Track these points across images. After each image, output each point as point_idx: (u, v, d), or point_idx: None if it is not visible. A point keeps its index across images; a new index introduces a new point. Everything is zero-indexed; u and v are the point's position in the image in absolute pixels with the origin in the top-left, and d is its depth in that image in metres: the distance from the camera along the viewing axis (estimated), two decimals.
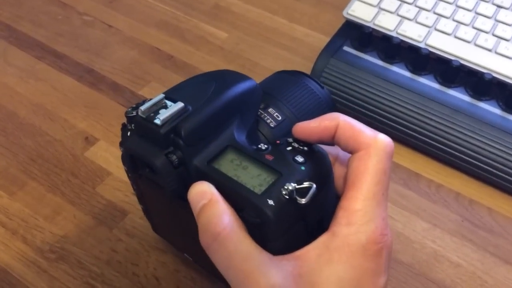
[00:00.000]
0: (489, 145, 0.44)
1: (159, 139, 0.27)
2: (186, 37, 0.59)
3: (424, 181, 0.46)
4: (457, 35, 0.48)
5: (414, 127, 0.47)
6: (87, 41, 0.58)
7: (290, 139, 0.29)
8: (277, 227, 0.26)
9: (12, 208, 0.44)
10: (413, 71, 0.48)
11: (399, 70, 0.49)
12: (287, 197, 0.26)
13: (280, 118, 0.34)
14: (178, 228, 0.35)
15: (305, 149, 0.29)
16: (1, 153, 0.48)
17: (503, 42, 0.47)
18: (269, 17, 0.61)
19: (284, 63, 0.56)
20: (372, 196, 0.27)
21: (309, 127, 0.29)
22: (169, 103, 0.29)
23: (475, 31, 0.48)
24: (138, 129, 0.29)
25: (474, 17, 0.49)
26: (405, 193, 0.45)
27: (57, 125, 0.50)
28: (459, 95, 0.47)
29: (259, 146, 0.29)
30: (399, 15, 0.50)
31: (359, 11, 0.51)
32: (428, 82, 0.48)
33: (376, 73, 0.48)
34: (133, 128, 0.30)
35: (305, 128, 0.29)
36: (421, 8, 0.51)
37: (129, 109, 0.30)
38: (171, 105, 0.28)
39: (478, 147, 0.45)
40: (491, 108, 0.46)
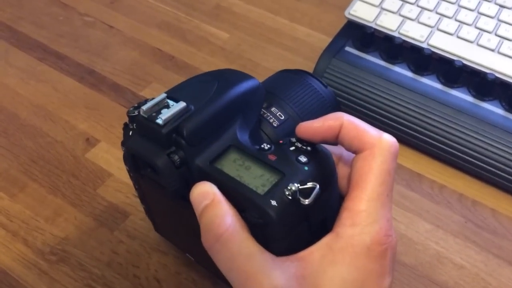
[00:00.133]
0: (492, 145, 0.44)
1: (161, 139, 0.27)
2: (187, 37, 0.59)
3: (427, 182, 0.46)
4: (460, 35, 0.48)
5: (417, 127, 0.46)
6: (88, 42, 0.58)
7: (293, 139, 0.29)
8: (280, 228, 0.26)
9: (12, 209, 0.44)
10: (415, 71, 0.48)
11: (401, 71, 0.48)
12: (290, 197, 0.26)
13: (283, 117, 0.33)
14: (180, 228, 0.35)
15: (309, 149, 0.28)
16: (2, 155, 0.48)
17: (506, 42, 0.47)
18: (270, 17, 0.61)
19: (285, 64, 0.55)
20: (377, 196, 0.26)
21: (312, 126, 0.29)
22: (171, 102, 0.28)
23: (477, 31, 0.48)
24: (140, 128, 0.29)
25: (476, 17, 0.49)
26: (408, 194, 0.45)
27: (58, 126, 0.50)
28: (461, 95, 0.46)
29: (262, 146, 0.29)
30: (401, 15, 0.50)
31: (361, 11, 0.51)
32: (430, 83, 0.47)
33: (378, 73, 0.48)
34: (135, 127, 0.29)
35: (309, 127, 0.29)
36: (423, 8, 0.50)
37: (131, 109, 0.30)
38: (173, 104, 0.28)
39: (481, 147, 0.44)
40: (494, 109, 0.45)
